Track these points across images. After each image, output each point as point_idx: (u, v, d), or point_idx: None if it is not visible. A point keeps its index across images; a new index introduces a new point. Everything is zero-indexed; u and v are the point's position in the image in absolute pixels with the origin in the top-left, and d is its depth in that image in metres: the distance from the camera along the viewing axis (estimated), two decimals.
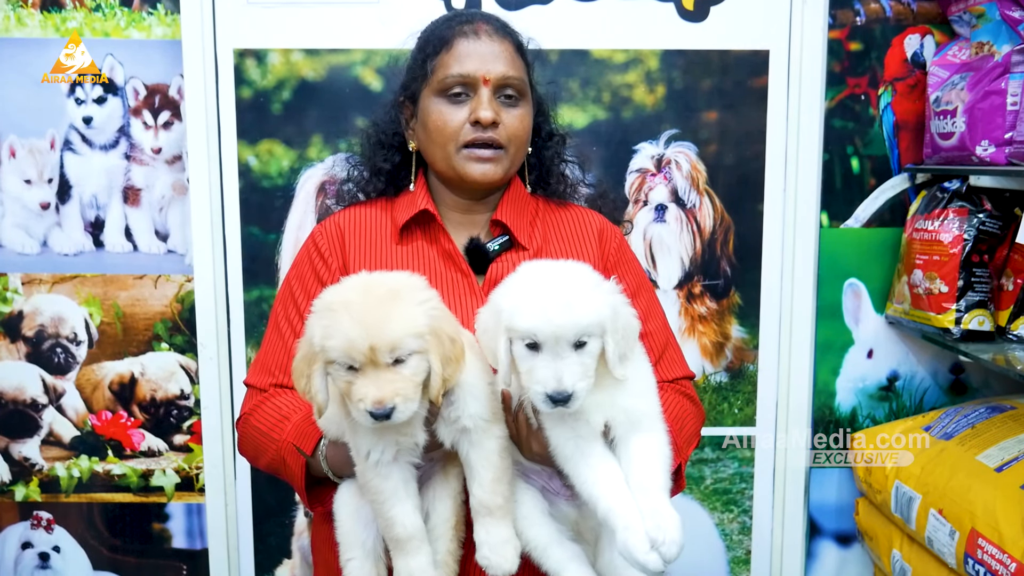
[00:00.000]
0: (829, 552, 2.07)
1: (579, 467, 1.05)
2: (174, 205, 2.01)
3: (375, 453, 1.05)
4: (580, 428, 1.05)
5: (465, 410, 1.06)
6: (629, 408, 1.07)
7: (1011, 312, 1.78)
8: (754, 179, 1.93)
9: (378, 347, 0.96)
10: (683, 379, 1.35)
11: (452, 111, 1.27)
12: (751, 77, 1.90)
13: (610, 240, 1.38)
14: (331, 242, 1.32)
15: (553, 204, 1.41)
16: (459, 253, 1.31)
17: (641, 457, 1.05)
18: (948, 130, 1.79)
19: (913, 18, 1.92)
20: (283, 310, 1.32)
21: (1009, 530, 1.45)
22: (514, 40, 1.31)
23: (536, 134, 1.40)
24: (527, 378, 1.01)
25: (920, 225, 1.85)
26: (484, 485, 1.07)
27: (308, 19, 1.87)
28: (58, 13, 1.93)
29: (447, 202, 1.35)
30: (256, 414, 1.27)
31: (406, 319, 0.98)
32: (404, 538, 1.06)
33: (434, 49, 1.29)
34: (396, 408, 0.96)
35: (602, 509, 1.02)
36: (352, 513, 1.15)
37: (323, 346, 0.98)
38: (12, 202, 1.99)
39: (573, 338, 1.00)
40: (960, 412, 1.80)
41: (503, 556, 1.07)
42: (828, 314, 1.99)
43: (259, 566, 2.06)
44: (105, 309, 2.04)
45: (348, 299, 0.99)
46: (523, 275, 1.07)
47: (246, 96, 1.90)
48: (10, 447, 2.08)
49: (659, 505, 1.01)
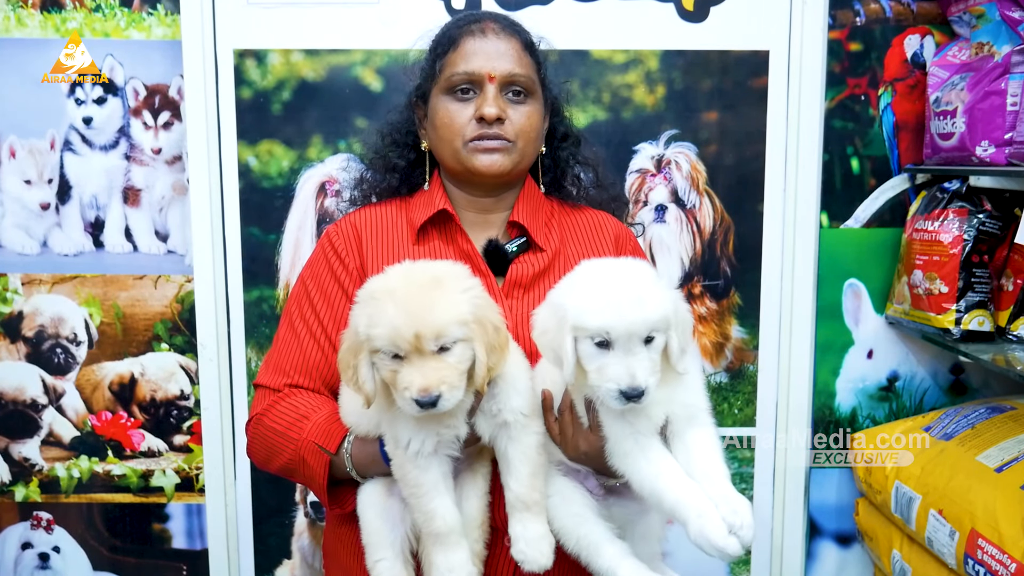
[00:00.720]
0: (829, 552, 2.07)
1: (639, 463, 1.06)
2: (174, 205, 2.01)
3: (415, 443, 1.05)
4: (640, 424, 1.06)
5: (507, 403, 1.07)
6: (688, 403, 1.08)
7: (1011, 312, 1.78)
8: (754, 179, 1.93)
9: (423, 334, 0.96)
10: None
11: (459, 108, 1.27)
12: (751, 77, 1.90)
13: (626, 244, 1.38)
14: (347, 242, 1.31)
15: (568, 206, 1.41)
16: (477, 253, 1.30)
17: (701, 449, 1.06)
18: (948, 130, 1.79)
19: (913, 18, 1.92)
20: (298, 309, 1.31)
21: (1009, 530, 1.45)
22: (522, 38, 1.31)
23: (551, 135, 1.40)
24: (597, 376, 1.02)
25: (920, 225, 1.85)
26: (522, 480, 1.07)
27: (308, 19, 1.87)
28: (58, 13, 1.93)
29: (462, 202, 1.35)
30: (270, 414, 1.25)
31: (450, 306, 0.98)
32: (444, 532, 1.06)
33: (443, 49, 1.30)
34: (442, 396, 0.97)
35: (669, 500, 1.03)
36: (380, 513, 1.15)
37: (368, 335, 0.99)
38: (12, 202, 1.99)
39: (645, 334, 1.01)
40: (960, 412, 1.80)
41: (539, 551, 1.07)
42: (828, 314, 1.99)
43: (259, 566, 2.06)
44: (105, 309, 2.04)
45: (392, 287, 1.00)
46: (586, 274, 1.07)
47: (246, 96, 1.90)
48: (10, 447, 2.08)
49: (729, 492, 1.02)
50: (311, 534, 2.04)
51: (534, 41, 1.34)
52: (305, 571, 2.06)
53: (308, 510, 2.03)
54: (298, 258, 1.95)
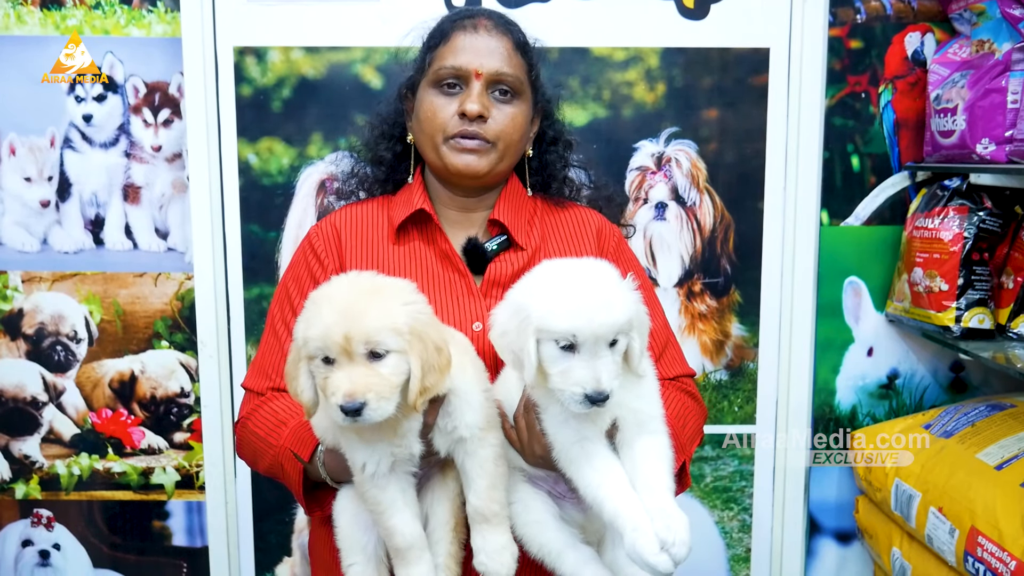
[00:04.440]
0: (829, 550, 2.07)
1: (583, 470, 1.04)
2: (174, 203, 2.01)
3: (371, 465, 1.04)
4: (586, 430, 1.04)
5: (461, 420, 1.06)
6: (638, 409, 1.06)
7: (1011, 310, 1.78)
8: (754, 177, 1.93)
9: (352, 336, 0.94)
10: (684, 376, 1.35)
11: (443, 102, 1.26)
12: (751, 75, 1.90)
13: (608, 239, 1.37)
14: (327, 242, 1.31)
15: (551, 204, 1.41)
16: (456, 253, 1.30)
17: (647, 458, 1.04)
18: (948, 128, 1.78)
19: (914, 16, 1.92)
20: (279, 312, 1.31)
21: (1009, 528, 1.45)
22: (514, 37, 1.30)
23: (540, 138, 1.39)
24: (561, 379, 0.99)
25: (920, 223, 1.85)
26: (480, 493, 1.06)
27: (308, 17, 1.87)
28: (58, 11, 1.93)
29: (443, 200, 1.34)
30: (253, 418, 1.26)
31: (385, 313, 0.96)
32: (404, 547, 1.06)
33: (434, 42, 1.30)
34: (367, 404, 0.94)
35: (608, 511, 1.01)
36: (352, 519, 1.14)
37: (304, 338, 0.97)
38: (12, 200, 1.99)
39: (611, 337, 0.99)
40: (960, 410, 1.80)
41: (500, 562, 1.07)
42: (828, 312, 1.99)
43: (259, 564, 2.06)
44: (105, 307, 2.04)
45: (331, 293, 0.99)
46: (548, 275, 1.05)
47: (246, 94, 1.90)
48: (10, 445, 2.08)
49: (667, 506, 1.00)
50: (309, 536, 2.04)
51: (527, 42, 1.33)
52: (305, 569, 2.06)
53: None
54: None
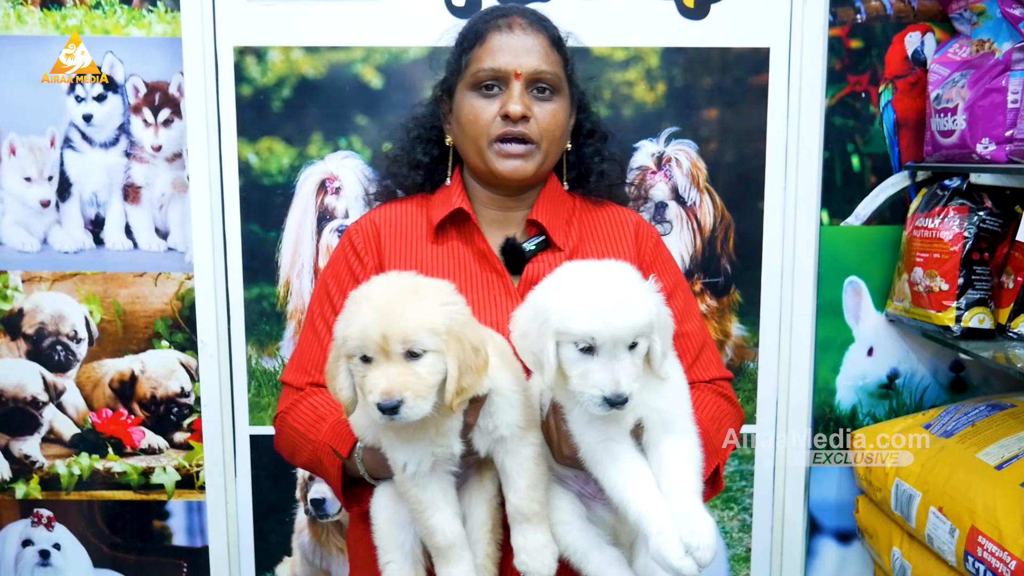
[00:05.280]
0: (829, 550, 2.07)
1: (609, 471, 1.03)
2: (174, 203, 2.01)
3: (412, 464, 1.05)
4: (610, 431, 1.04)
5: (502, 419, 1.06)
6: (662, 409, 1.05)
7: (1011, 310, 1.78)
8: (754, 177, 1.93)
9: (390, 336, 0.95)
10: (720, 380, 1.34)
11: (484, 105, 1.26)
12: (751, 75, 1.90)
13: (646, 239, 1.36)
14: (367, 240, 1.31)
15: (590, 203, 1.40)
16: (493, 253, 1.30)
17: (673, 460, 1.03)
18: (948, 128, 1.78)
19: (914, 16, 1.92)
20: (319, 308, 1.32)
21: (1009, 528, 1.45)
22: (550, 34, 1.30)
23: (576, 131, 1.39)
24: (580, 382, 0.99)
25: (920, 223, 1.85)
26: (520, 492, 1.07)
27: (308, 16, 1.87)
28: (58, 11, 1.93)
29: (482, 199, 1.34)
30: (292, 413, 1.27)
31: (422, 314, 0.97)
32: (445, 546, 1.07)
33: (469, 43, 1.29)
34: (404, 402, 0.95)
35: (633, 513, 1.00)
36: (389, 517, 1.15)
37: (343, 337, 0.99)
38: (12, 200, 1.99)
39: (630, 339, 0.99)
40: (960, 410, 1.80)
41: (541, 561, 1.07)
42: (828, 312, 1.99)
43: (259, 564, 2.06)
44: (105, 307, 2.04)
45: (370, 292, 1.00)
46: (568, 277, 1.05)
47: (246, 94, 1.90)
48: (10, 444, 2.08)
49: (692, 509, 0.99)
50: (312, 531, 2.04)
51: (562, 37, 1.33)
52: (306, 568, 2.06)
53: (308, 507, 2.03)
54: (298, 255, 1.96)
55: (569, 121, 1.35)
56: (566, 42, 1.34)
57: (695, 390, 1.25)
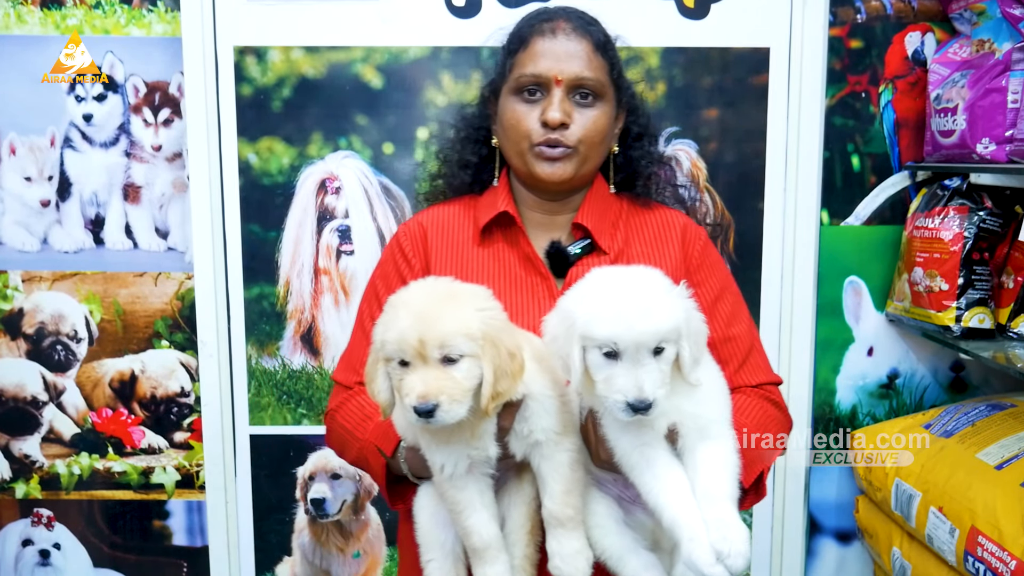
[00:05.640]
0: (829, 550, 2.07)
1: (644, 476, 1.04)
2: (174, 202, 2.01)
3: (448, 466, 1.07)
4: (645, 435, 1.04)
5: (537, 424, 1.07)
6: (697, 415, 1.05)
7: (1011, 310, 1.78)
8: (754, 177, 1.93)
9: (427, 340, 0.97)
10: (768, 384, 1.33)
11: (526, 110, 1.26)
12: (751, 75, 1.89)
13: (694, 241, 1.35)
14: (414, 242, 1.32)
15: (638, 205, 1.38)
16: (538, 256, 1.30)
17: (708, 465, 1.03)
18: (949, 128, 1.78)
19: (914, 15, 1.92)
20: (368, 308, 1.34)
21: (1009, 528, 1.45)
22: (595, 38, 1.29)
23: (625, 134, 1.38)
24: (605, 387, 0.99)
25: (920, 223, 1.85)
26: (555, 497, 1.07)
27: (308, 16, 1.87)
28: (58, 10, 1.93)
29: (528, 202, 1.34)
30: (342, 411, 1.30)
31: (459, 319, 0.99)
32: (481, 547, 1.08)
33: (513, 47, 1.29)
34: (440, 406, 0.97)
35: (667, 519, 1.01)
36: (431, 516, 1.17)
37: (381, 341, 1.00)
38: (12, 200, 1.99)
39: (653, 345, 0.98)
40: (960, 410, 1.80)
41: (575, 567, 1.07)
42: (828, 312, 1.99)
43: (259, 563, 2.06)
44: (105, 306, 2.04)
45: (408, 298, 1.02)
46: (595, 282, 1.05)
47: (246, 93, 1.90)
48: (11, 444, 2.08)
49: (725, 515, 0.99)
50: (311, 531, 2.04)
51: (609, 40, 1.32)
52: (305, 568, 2.06)
53: (308, 507, 2.03)
54: (298, 255, 1.96)
55: (614, 125, 1.33)
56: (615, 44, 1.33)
57: (741, 395, 1.25)
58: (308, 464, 2.02)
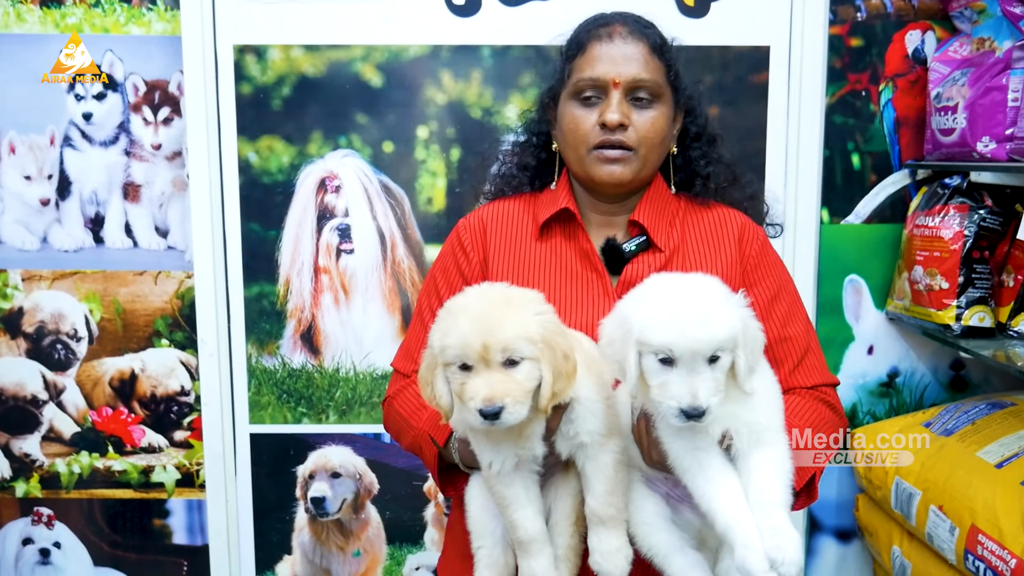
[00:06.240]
0: (829, 548, 2.07)
1: (697, 480, 1.05)
2: (174, 201, 2.01)
3: (496, 464, 1.10)
4: (699, 440, 1.05)
5: (583, 426, 1.09)
6: (752, 422, 1.06)
7: (1012, 308, 1.78)
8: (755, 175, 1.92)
9: (491, 345, 0.99)
10: (824, 386, 1.33)
11: (584, 114, 1.28)
12: (752, 73, 1.89)
13: (751, 241, 1.35)
14: (474, 236, 1.34)
15: (696, 204, 1.39)
16: (595, 252, 1.31)
17: (761, 472, 1.04)
18: (949, 126, 1.78)
19: (914, 14, 1.92)
20: (427, 300, 1.37)
21: (1009, 526, 1.45)
22: (650, 41, 1.30)
23: (683, 135, 1.39)
24: (659, 392, 1.00)
25: (921, 221, 1.85)
26: (597, 496, 1.10)
27: (308, 15, 1.87)
28: (58, 9, 1.93)
29: (586, 202, 1.36)
30: (399, 399, 1.33)
31: (520, 323, 1.01)
32: (526, 541, 1.12)
33: (571, 53, 1.31)
34: (505, 408, 0.99)
35: (720, 524, 1.02)
36: (481, 506, 1.21)
37: (441, 346, 1.03)
38: (12, 198, 1.99)
39: (709, 353, 0.99)
40: (960, 408, 1.80)
41: (614, 564, 1.10)
42: (828, 310, 1.99)
43: (259, 562, 2.06)
44: (105, 305, 2.04)
45: (466, 304, 1.04)
46: (653, 288, 1.06)
47: (246, 92, 1.90)
48: (11, 443, 2.08)
49: (779, 523, 0.99)
50: (311, 530, 2.04)
51: (665, 42, 1.33)
52: (305, 567, 2.06)
53: (308, 506, 2.03)
54: (298, 253, 1.96)
55: (672, 126, 1.35)
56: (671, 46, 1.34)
57: (796, 396, 1.26)
58: (308, 463, 2.02)
